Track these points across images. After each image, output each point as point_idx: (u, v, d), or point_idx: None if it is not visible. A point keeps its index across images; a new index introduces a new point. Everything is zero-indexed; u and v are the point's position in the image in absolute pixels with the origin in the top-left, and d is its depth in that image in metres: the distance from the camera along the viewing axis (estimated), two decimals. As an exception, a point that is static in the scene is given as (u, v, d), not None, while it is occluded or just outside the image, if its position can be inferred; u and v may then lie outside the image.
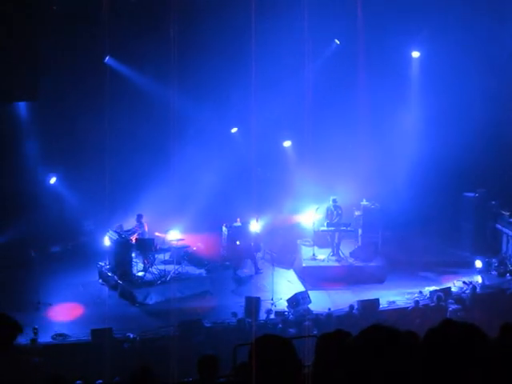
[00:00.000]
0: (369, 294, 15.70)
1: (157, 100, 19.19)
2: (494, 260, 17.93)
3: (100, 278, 17.25)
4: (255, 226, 18.60)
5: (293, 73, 18.73)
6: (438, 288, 15.97)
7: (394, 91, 19.34)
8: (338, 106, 19.15)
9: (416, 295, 16.02)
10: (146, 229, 17.46)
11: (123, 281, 16.38)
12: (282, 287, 16.65)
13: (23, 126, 18.76)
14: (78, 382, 10.27)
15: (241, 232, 18.56)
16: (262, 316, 15.00)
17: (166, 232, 17.87)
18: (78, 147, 18.71)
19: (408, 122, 19.51)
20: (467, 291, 16.16)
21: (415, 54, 20.32)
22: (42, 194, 18.73)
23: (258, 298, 15.43)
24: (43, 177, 18.97)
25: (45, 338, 13.65)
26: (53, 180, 19.06)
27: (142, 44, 18.38)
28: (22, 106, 18.79)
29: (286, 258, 18.72)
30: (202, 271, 17.52)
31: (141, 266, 16.91)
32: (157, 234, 17.98)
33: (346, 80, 19.31)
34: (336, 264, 17.81)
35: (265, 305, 15.49)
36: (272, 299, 15.88)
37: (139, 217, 17.44)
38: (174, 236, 17.84)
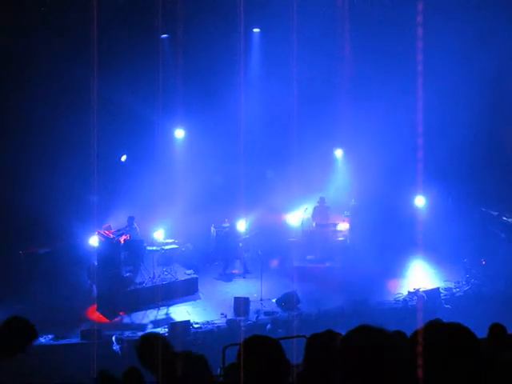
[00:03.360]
0: (358, 294, 15.71)
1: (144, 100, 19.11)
2: (483, 260, 17.96)
3: (88, 278, 17.15)
4: (244, 227, 18.58)
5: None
6: (427, 288, 16.01)
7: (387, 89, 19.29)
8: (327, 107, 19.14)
9: (405, 295, 16.06)
10: (138, 231, 17.32)
11: (112, 282, 16.28)
12: (271, 287, 16.62)
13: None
14: None
15: (229, 232, 18.55)
16: (252, 316, 14.99)
17: (153, 232, 17.81)
18: (64, 148, 18.57)
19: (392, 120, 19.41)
20: (457, 291, 16.21)
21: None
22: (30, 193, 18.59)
23: (247, 298, 15.42)
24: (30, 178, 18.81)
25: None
26: None
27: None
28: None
29: (275, 257, 18.70)
30: (191, 272, 17.46)
31: (129, 267, 16.81)
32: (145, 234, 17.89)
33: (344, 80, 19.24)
34: (325, 264, 17.82)
35: (254, 305, 15.48)
36: (261, 299, 15.87)
37: (131, 219, 17.24)
38: (161, 235, 17.81)
